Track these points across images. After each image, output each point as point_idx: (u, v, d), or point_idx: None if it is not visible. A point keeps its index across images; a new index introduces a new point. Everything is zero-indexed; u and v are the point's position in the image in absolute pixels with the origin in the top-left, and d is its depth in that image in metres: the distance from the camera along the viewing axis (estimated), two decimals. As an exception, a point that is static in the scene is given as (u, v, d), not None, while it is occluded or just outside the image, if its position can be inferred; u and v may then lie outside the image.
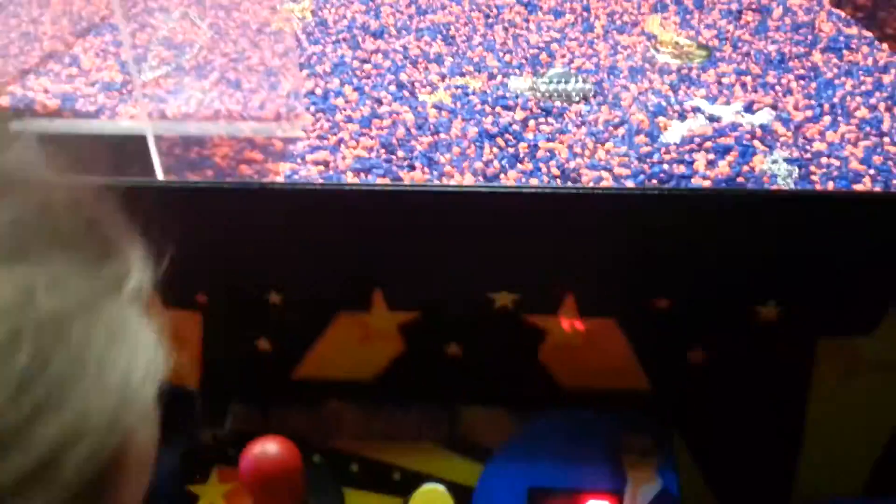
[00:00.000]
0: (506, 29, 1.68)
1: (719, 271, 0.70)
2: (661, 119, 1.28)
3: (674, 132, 1.24)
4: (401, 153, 1.15)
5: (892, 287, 0.71)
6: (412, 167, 1.11)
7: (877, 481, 0.87)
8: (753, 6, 1.83)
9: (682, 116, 1.31)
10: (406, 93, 1.36)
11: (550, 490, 0.72)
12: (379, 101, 1.30)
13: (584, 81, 1.40)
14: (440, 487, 0.71)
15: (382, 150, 1.15)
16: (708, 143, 1.22)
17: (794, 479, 0.86)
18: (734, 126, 1.27)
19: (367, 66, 1.45)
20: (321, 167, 1.11)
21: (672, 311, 0.73)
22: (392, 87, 1.36)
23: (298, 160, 1.13)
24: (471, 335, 0.76)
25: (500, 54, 1.53)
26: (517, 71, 1.47)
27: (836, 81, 1.43)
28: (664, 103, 1.34)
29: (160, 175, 0.93)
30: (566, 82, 1.38)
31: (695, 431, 0.81)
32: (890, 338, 0.74)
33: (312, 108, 1.29)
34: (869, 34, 1.65)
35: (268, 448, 0.61)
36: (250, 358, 0.79)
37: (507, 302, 0.73)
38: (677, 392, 0.78)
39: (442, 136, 1.21)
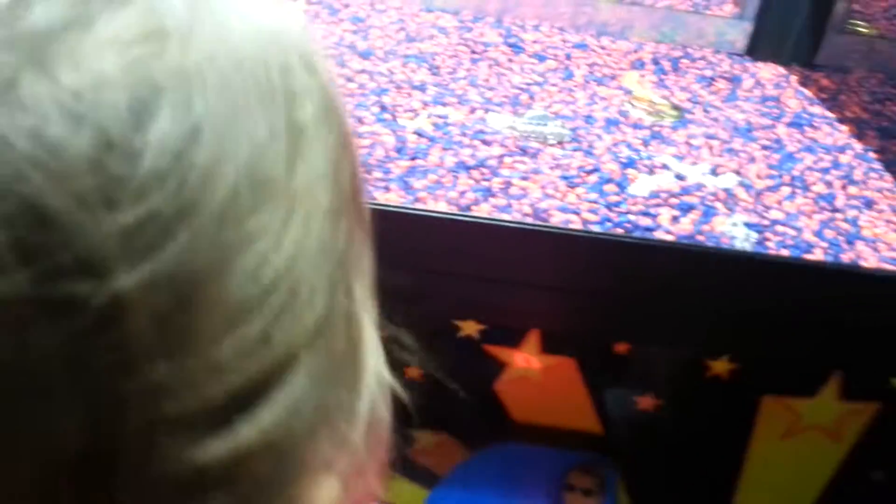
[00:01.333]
0: (490, 66, 1.72)
1: (678, 322, 0.73)
2: (630, 171, 1.33)
3: (642, 185, 1.28)
4: (378, 174, 1.16)
5: (835, 354, 0.75)
6: (387, 189, 1.13)
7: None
8: (726, 75, 1.91)
9: (650, 171, 1.36)
10: (388, 116, 1.38)
11: (492, 521, 0.73)
12: (360, 121, 1.32)
13: (562, 126, 1.44)
14: (387, 506, 0.72)
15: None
16: (674, 200, 1.27)
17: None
18: (699, 186, 1.33)
19: (351, 85, 1.47)
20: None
21: (630, 356, 0.75)
22: (375, 109, 1.38)
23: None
24: (432, 360, 0.78)
25: (483, 90, 1.57)
26: (497, 108, 1.50)
27: (797, 155, 1.50)
28: (635, 156, 1.39)
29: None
30: (544, 124, 1.42)
31: (635, 474, 0.84)
32: (828, 402, 0.77)
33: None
34: (830, 115, 1.74)
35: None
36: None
37: (472, 331, 0.75)
38: (625, 435, 0.80)
39: (419, 162, 1.23)
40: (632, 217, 1.20)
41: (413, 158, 1.23)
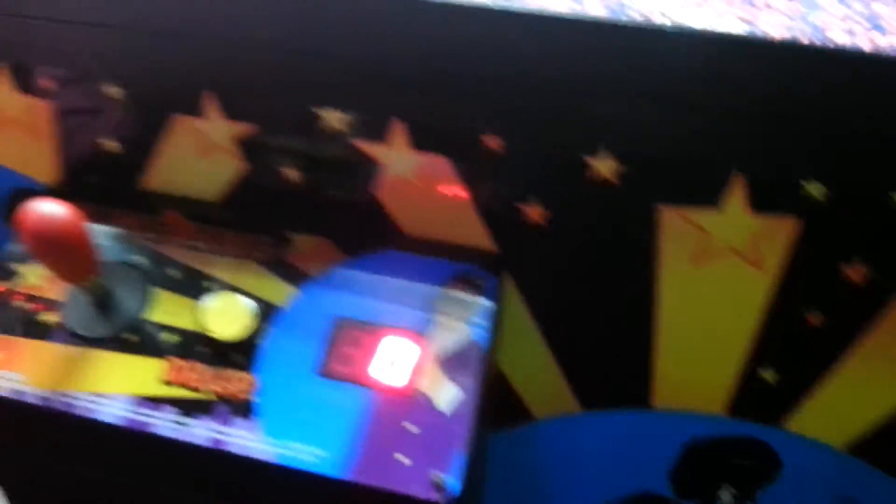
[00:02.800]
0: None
1: (549, 110, 0.66)
2: None
3: None
4: None
5: (735, 150, 0.66)
6: None
7: (742, 397, 0.83)
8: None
9: None
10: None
11: (354, 321, 0.70)
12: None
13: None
14: (244, 298, 0.71)
15: None
16: None
17: (651, 375, 0.82)
18: None
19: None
20: None
21: (505, 154, 0.69)
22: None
23: None
24: (307, 158, 0.75)
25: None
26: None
27: None
28: None
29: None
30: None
31: (537, 295, 0.78)
32: (737, 214, 0.69)
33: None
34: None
35: (44, 206, 0.61)
36: (100, 159, 0.79)
37: (336, 122, 0.71)
38: (512, 245, 0.75)
39: None
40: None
41: None
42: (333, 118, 0.71)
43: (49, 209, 0.62)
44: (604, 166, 0.68)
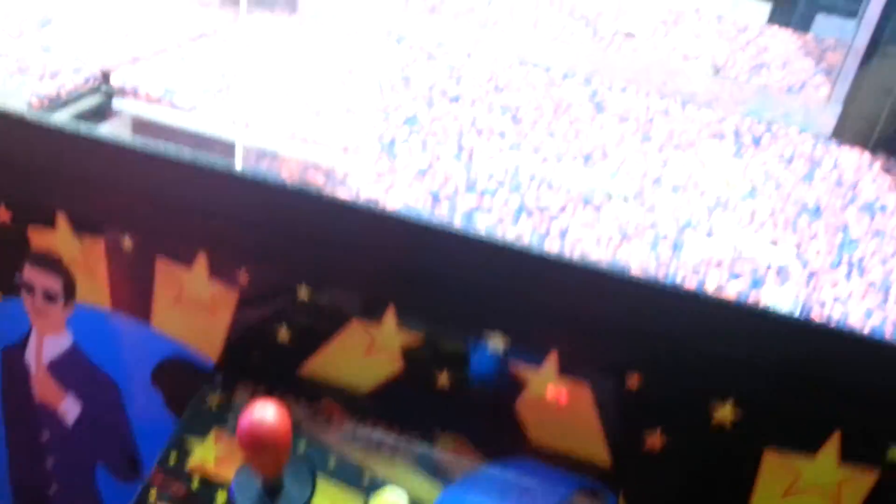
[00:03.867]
0: (570, 122, 1.81)
1: (687, 362, 0.79)
2: (687, 233, 1.38)
3: (696, 248, 1.34)
4: (444, 207, 1.26)
5: (837, 413, 0.78)
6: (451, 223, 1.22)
7: None
8: (806, 155, 1.93)
9: (708, 235, 1.41)
10: (465, 156, 1.49)
11: (495, 523, 0.80)
12: (438, 157, 1.43)
13: (629, 185, 1.51)
14: (402, 493, 0.80)
15: (429, 200, 1.27)
16: (724, 266, 1.31)
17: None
18: (752, 257, 1.37)
19: (435, 125, 1.59)
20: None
21: (641, 390, 0.81)
22: (453, 149, 1.49)
23: (354, 192, 1.25)
24: (461, 369, 0.86)
25: (558, 141, 1.66)
26: (569, 161, 1.59)
27: (862, 240, 1.52)
28: (693, 220, 1.44)
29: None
30: (610, 179, 1.50)
31: (640, 509, 0.89)
32: (829, 463, 0.81)
33: (378, 150, 1.42)
34: (907, 205, 1.74)
35: (268, 411, 0.71)
36: (269, 344, 0.89)
37: (497, 344, 0.83)
38: (630, 468, 0.86)
39: (486, 201, 1.32)
40: (679, 279, 1.25)
41: (480, 197, 1.33)
42: (498, 340, 0.82)
43: (268, 414, 0.71)
44: (726, 412, 0.80)
